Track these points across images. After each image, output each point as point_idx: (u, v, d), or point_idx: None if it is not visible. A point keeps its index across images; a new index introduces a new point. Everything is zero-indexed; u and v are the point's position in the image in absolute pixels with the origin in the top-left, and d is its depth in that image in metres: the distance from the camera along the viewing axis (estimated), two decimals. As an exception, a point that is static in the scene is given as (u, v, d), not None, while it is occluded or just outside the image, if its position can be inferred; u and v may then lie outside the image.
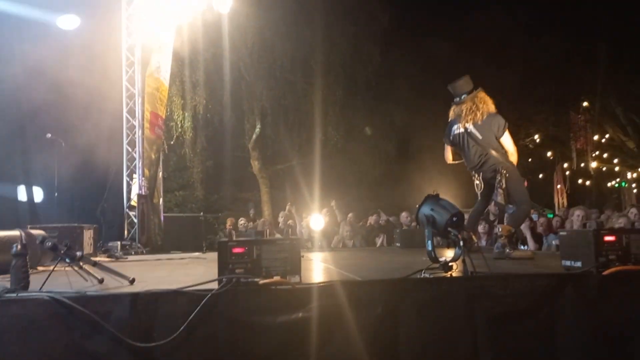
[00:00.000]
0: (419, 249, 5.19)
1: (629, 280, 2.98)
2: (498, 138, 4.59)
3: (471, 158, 4.71)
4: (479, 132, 4.62)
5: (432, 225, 3.08)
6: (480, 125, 4.61)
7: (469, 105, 4.70)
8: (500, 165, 4.51)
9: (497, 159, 4.53)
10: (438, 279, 2.88)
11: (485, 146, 4.59)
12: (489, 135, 4.59)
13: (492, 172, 4.55)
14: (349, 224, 8.48)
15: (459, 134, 4.78)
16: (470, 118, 4.66)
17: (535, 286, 2.95)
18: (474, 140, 4.65)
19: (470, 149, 4.69)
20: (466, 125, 4.70)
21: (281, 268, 2.80)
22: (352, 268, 3.82)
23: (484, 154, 4.60)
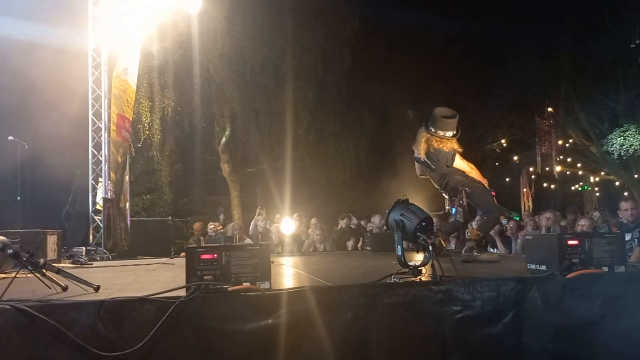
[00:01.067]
0: (389, 252, 5.22)
1: (591, 283, 3.06)
2: (449, 167, 4.80)
3: (433, 179, 4.97)
4: (431, 163, 4.86)
5: (401, 230, 3.10)
6: (430, 156, 4.83)
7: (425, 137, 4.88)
8: (461, 185, 4.68)
9: (457, 180, 4.75)
10: (407, 284, 2.90)
11: (441, 172, 4.83)
12: (440, 166, 4.81)
13: (454, 191, 4.73)
14: (320, 228, 8.48)
15: (418, 158, 5.01)
16: (421, 149, 4.87)
17: (502, 290, 3.00)
18: (429, 168, 4.91)
19: (431, 173, 4.96)
20: (420, 155, 4.91)
21: (251, 274, 2.79)
22: (323, 273, 3.82)
23: (443, 178, 4.83)
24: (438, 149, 4.79)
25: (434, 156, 4.81)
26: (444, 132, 4.83)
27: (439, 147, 4.79)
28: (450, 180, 4.76)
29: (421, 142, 4.85)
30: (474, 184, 4.74)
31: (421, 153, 4.86)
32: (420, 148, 4.87)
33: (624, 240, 3.35)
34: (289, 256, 6.00)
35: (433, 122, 4.87)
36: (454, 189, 4.74)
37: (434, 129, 4.83)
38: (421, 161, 4.96)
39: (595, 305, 3.05)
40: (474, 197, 4.67)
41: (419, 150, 4.88)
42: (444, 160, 4.79)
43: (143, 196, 16.88)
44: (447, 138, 4.84)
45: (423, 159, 4.88)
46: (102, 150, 8.30)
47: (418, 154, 4.92)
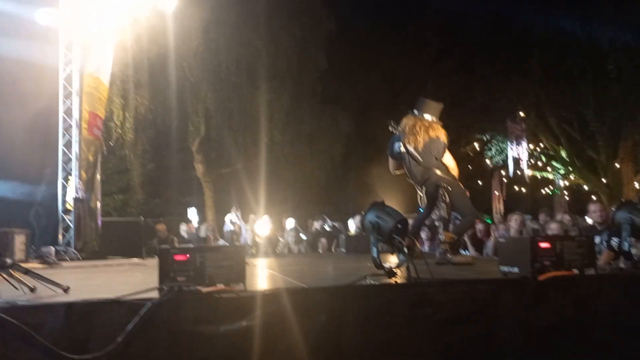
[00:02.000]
0: (363, 254, 5.23)
1: (562, 285, 3.11)
2: (438, 159, 4.71)
3: (414, 175, 4.80)
4: (419, 155, 4.70)
5: (377, 231, 3.11)
6: (421, 149, 4.69)
7: (411, 123, 4.76)
8: (443, 181, 4.62)
9: (439, 176, 4.64)
10: (382, 286, 2.91)
11: (427, 166, 4.69)
12: (428, 158, 4.68)
13: (435, 187, 4.65)
14: (294, 230, 8.46)
15: (401, 152, 4.84)
16: (412, 140, 4.71)
17: (476, 292, 3.04)
18: (415, 160, 4.74)
19: (413, 168, 4.78)
20: (407, 146, 4.75)
21: (225, 276, 2.75)
22: (298, 275, 3.81)
23: (425, 172, 4.69)
24: (431, 138, 4.67)
25: (425, 147, 4.68)
26: (431, 117, 4.76)
27: (432, 137, 4.68)
28: (432, 176, 4.66)
29: (413, 132, 4.69)
30: (455, 183, 4.71)
31: (410, 143, 4.70)
32: (410, 138, 4.70)
33: (594, 243, 3.41)
34: (263, 257, 5.96)
35: (421, 106, 4.83)
36: (434, 184, 4.65)
37: (423, 113, 4.77)
38: (404, 154, 4.80)
39: (566, 307, 3.11)
40: (454, 196, 4.63)
41: (408, 141, 4.72)
42: (435, 151, 4.68)
43: (115, 196, 16.60)
44: (436, 123, 4.77)
45: (410, 150, 4.72)
46: (73, 148, 8.12)
47: (404, 145, 4.76)
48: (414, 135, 4.69)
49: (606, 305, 3.20)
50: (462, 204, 4.72)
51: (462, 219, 4.77)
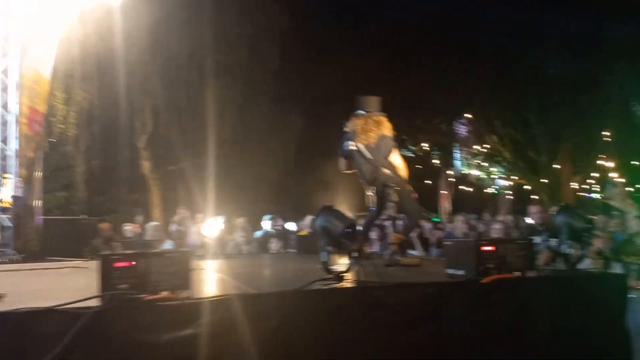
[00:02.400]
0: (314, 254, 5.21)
1: (505, 287, 3.21)
2: (386, 158, 4.78)
3: (363, 173, 4.87)
4: (369, 152, 4.77)
5: (326, 236, 3.10)
6: (371, 146, 4.77)
7: (362, 122, 4.85)
8: (391, 181, 4.70)
9: (388, 176, 4.72)
10: (332, 290, 2.91)
11: (376, 165, 4.76)
12: (377, 157, 4.76)
13: (383, 187, 4.73)
14: (244, 229, 8.36)
15: (352, 150, 4.90)
16: (363, 138, 4.79)
17: (423, 294, 3.09)
18: (364, 158, 4.80)
19: (362, 166, 4.85)
20: (358, 145, 4.82)
21: (170, 282, 2.67)
22: (247, 278, 3.76)
23: (375, 172, 4.76)
24: (381, 136, 4.76)
25: (376, 146, 4.75)
26: (376, 110, 4.88)
27: (382, 134, 4.76)
28: (381, 176, 4.72)
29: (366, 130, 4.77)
30: (403, 184, 4.80)
31: (362, 142, 4.77)
32: (362, 137, 4.77)
33: (535, 246, 3.53)
34: (212, 259, 5.85)
35: (364, 103, 4.93)
36: (383, 184, 4.72)
37: (369, 109, 4.87)
38: (355, 152, 4.85)
39: (508, 308, 3.21)
40: (401, 196, 4.72)
41: (361, 140, 4.78)
42: (384, 149, 4.76)
43: (57, 193, 15.89)
44: (383, 116, 4.87)
45: (361, 148, 4.78)
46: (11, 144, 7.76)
47: (359, 143, 4.80)
48: (365, 133, 4.78)
49: (545, 306, 3.33)
50: (408, 205, 4.82)
51: (408, 219, 4.87)
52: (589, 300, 3.42)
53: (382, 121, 4.85)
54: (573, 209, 3.78)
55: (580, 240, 3.67)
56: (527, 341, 3.23)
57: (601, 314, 3.45)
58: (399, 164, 4.87)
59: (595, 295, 3.44)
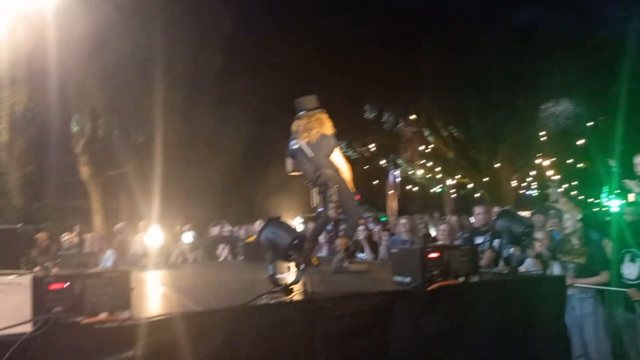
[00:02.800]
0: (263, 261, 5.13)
1: (450, 294, 3.26)
2: (327, 157, 4.82)
3: (306, 172, 4.91)
4: (311, 150, 4.82)
5: (273, 248, 3.05)
6: (313, 144, 4.81)
7: (304, 122, 4.90)
8: (332, 181, 4.72)
9: (328, 175, 4.75)
10: (279, 304, 2.86)
11: (317, 163, 4.80)
12: (319, 154, 4.81)
13: (325, 187, 4.75)
14: (190, 236, 8.15)
15: (296, 150, 4.96)
16: (305, 136, 4.85)
17: (370, 304, 3.09)
18: (307, 157, 4.85)
19: (305, 165, 4.89)
20: (300, 143, 4.88)
21: (109, 303, 2.55)
22: (192, 291, 3.65)
23: (316, 170, 4.79)
24: (322, 134, 4.80)
25: (317, 143, 4.79)
26: (315, 108, 4.92)
27: (323, 131, 4.81)
28: (322, 174, 4.75)
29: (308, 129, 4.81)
30: (344, 183, 4.83)
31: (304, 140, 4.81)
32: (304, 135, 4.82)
33: (477, 251, 3.61)
34: (155, 269, 5.66)
35: (302, 105, 4.97)
36: (324, 183, 4.75)
37: (307, 109, 4.92)
38: (298, 151, 4.88)
39: (453, 314, 3.26)
40: (342, 196, 4.75)
41: (303, 137, 4.82)
42: (324, 148, 4.80)
43: (-11, 201, 15.08)
44: (322, 113, 4.92)
45: (303, 146, 4.81)
46: None
47: (302, 140, 4.84)
48: (307, 131, 4.84)
49: (489, 310, 3.41)
50: (348, 205, 4.86)
51: (347, 219, 4.90)
52: (530, 303, 3.53)
53: (322, 118, 4.91)
54: (513, 214, 3.90)
55: (520, 243, 3.79)
56: (472, 345, 3.29)
57: (542, 315, 3.57)
58: (340, 163, 4.92)
59: (536, 297, 3.55)
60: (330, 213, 4.77)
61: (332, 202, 4.71)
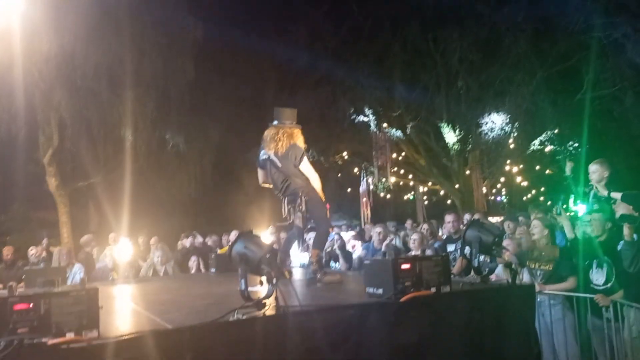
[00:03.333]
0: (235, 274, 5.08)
1: (422, 304, 3.28)
2: (296, 166, 4.81)
3: (275, 182, 4.91)
4: (279, 161, 4.82)
5: (245, 263, 3.02)
6: (282, 154, 4.81)
7: (273, 132, 4.90)
8: (301, 190, 4.73)
9: (298, 184, 4.77)
10: (251, 320, 2.83)
11: (286, 173, 4.80)
12: (288, 164, 4.81)
13: (294, 196, 4.77)
14: (160, 249, 8.02)
15: (265, 159, 4.96)
16: (272, 146, 4.85)
17: (343, 317, 3.09)
18: (275, 167, 4.85)
19: (274, 175, 4.90)
20: (268, 153, 4.88)
21: (76, 323, 2.49)
22: (163, 308, 3.58)
23: (286, 180, 4.81)
24: (291, 145, 4.80)
25: (284, 154, 4.79)
26: (291, 122, 4.93)
27: (292, 143, 4.81)
28: (291, 184, 4.76)
29: (276, 140, 4.81)
30: (313, 193, 4.83)
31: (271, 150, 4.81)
32: (271, 145, 4.82)
33: (449, 260, 3.64)
34: (125, 283, 5.55)
35: (278, 115, 4.97)
36: (293, 193, 4.76)
37: (282, 120, 4.92)
38: (267, 161, 4.88)
39: (425, 325, 3.28)
40: (310, 205, 4.75)
41: (269, 147, 4.82)
42: (293, 157, 4.79)
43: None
44: (296, 127, 4.92)
45: (272, 157, 4.82)
46: None
47: (267, 152, 4.85)
48: (275, 142, 4.83)
49: (461, 320, 3.44)
50: (317, 214, 4.87)
51: (317, 229, 4.91)
52: (501, 311, 3.58)
53: (294, 133, 4.91)
54: (482, 224, 3.96)
55: (491, 253, 3.84)
56: (445, 355, 3.31)
57: (513, 323, 3.62)
58: (310, 174, 4.91)
59: (507, 306, 3.60)
60: (298, 222, 4.78)
61: (300, 212, 4.72)
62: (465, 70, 18.12)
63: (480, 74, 18.10)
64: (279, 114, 4.99)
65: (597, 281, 5.20)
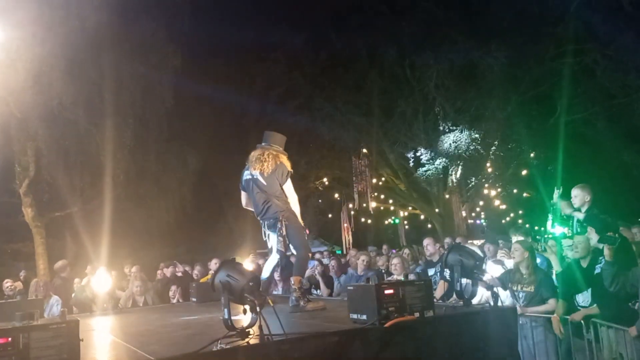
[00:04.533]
0: (216, 303, 5.01)
1: (405, 329, 3.28)
2: (281, 185, 4.82)
3: (256, 204, 4.89)
4: (264, 180, 4.81)
5: (228, 291, 3.00)
6: (267, 174, 4.81)
7: (259, 152, 4.92)
8: (281, 213, 4.72)
9: (278, 206, 4.76)
10: (234, 349, 2.79)
11: (268, 193, 4.79)
12: (273, 184, 4.80)
13: (274, 220, 4.75)
14: (139, 279, 7.88)
15: (248, 180, 4.94)
16: (258, 166, 4.85)
17: (328, 344, 3.07)
18: (258, 187, 4.83)
19: (256, 195, 4.87)
20: (253, 172, 4.87)
21: (56, 357, 2.43)
22: (142, 339, 3.52)
23: (267, 201, 4.79)
24: (277, 164, 4.80)
25: (272, 173, 4.78)
26: (278, 146, 4.96)
27: (278, 163, 4.81)
28: (272, 206, 4.75)
29: (262, 160, 4.81)
30: (293, 217, 4.82)
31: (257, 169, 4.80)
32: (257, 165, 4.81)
33: (431, 285, 3.66)
34: (103, 315, 5.44)
35: (268, 138, 4.98)
36: (273, 217, 4.75)
37: (270, 143, 4.94)
38: (250, 181, 4.86)
39: (410, 350, 3.28)
40: (290, 229, 4.74)
41: (256, 167, 4.81)
42: (279, 175, 4.78)
43: None
44: (283, 153, 4.94)
45: (257, 176, 4.80)
46: None
47: (254, 170, 4.83)
48: (260, 163, 4.84)
49: (444, 344, 3.44)
50: (296, 239, 4.84)
51: (296, 254, 4.88)
52: (483, 334, 3.60)
53: (280, 156, 4.91)
54: (463, 248, 4.00)
55: (472, 276, 3.87)
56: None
57: (495, 346, 3.63)
58: (291, 195, 4.91)
59: (489, 329, 3.62)
60: (278, 247, 4.76)
61: (280, 236, 4.70)
62: (441, 96, 18.46)
63: (456, 100, 18.44)
64: (268, 136, 5.02)
65: (583, 302, 5.26)
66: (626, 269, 4.66)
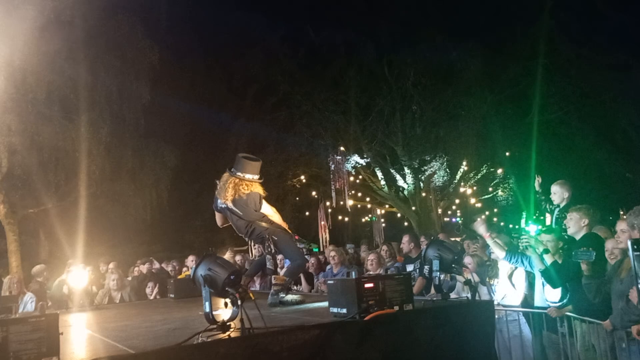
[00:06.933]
0: (194, 299, 5.00)
1: (385, 323, 3.32)
2: (257, 211, 4.80)
3: (239, 228, 4.87)
4: (238, 209, 4.76)
5: (209, 285, 3.00)
6: (238, 203, 4.74)
7: (225, 179, 4.80)
8: (267, 233, 4.72)
9: (263, 227, 4.76)
10: (215, 342, 2.80)
11: (248, 219, 4.78)
12: (249, 213, 4.77)
13: (261, 239, 4.78)
14: (116, 273, 7.78)
15: (224, 208, 4.87)
16: (223, 195, 4.76)
17: (308, 337, 3.09)
18: (237, 215, 4.81)
19: (237, 222, 4.85)
20: (227, 203, 4.78)
21: (35, 350, 2.41)
22: (122, 334, 3.49)
23: (249, 225, 4.79)
24: (248, 193, 4.72)
25: (243, 202, 4.72)
26: (251, 176, 4.80)
27: (248, 191, 4.73)
28: (256, 228, 4.75)
29: (228, 189, 4.71)
30: (279, 231, 4.81)
31: (228, 200, 4.72)
32: (227, 195, 4.71)
33: (410, 279, 3.71)
34: (80, 311, 5.37)
35: (239, 166, 4.81)
36: (259, 237, 4.76)
37: (242, 172, 4.78)
38: (226, 210, 4.84)
39: (390, 343, 3.32)
40: (280, 244, 4.74)
41: (226, 197, 4.74)
42: (252, 204, 4.74)
43: None
44: (255, 181, 4.82)
45: (230, 206, 4.76)
46: None
47: (224, 201, 4.79)
48: (224, 192, 4.75)
49: (423, 337, 3.50)
50: (289, 250, 4.85)
51: (292, 262, 4.89)
52: (461, 328, 3.66)
53: (246, 183, 4.77)
54: (442, 242, 4.06)
55: (451, 270, 3.94)
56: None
57: (473, 339, 3.70)
58: (269, 211, 4.90)
59: (467, 323, 3.68)
60: (268, 265, 4.80)
61: (269, 255, 4.73)
62: (419, 95, 18.62)
63: (433, 98, 18.63)
64: (238, 164, 4.80)
65: (553, 299, 5.34)
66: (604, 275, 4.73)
